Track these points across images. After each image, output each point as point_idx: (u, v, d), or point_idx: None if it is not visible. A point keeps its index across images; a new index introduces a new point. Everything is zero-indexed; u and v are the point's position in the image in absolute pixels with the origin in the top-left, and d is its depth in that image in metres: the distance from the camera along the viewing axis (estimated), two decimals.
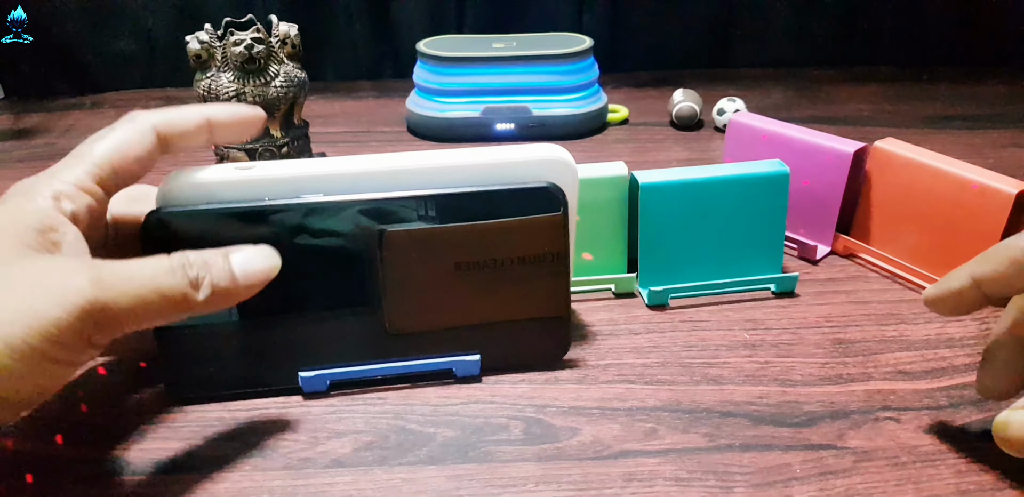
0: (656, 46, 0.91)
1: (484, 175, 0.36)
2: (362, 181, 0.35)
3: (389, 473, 0.34)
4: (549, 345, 0.40)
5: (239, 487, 0.33)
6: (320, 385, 0.38)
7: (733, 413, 0.37)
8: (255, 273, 0.30)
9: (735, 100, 0.72)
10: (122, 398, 0.38)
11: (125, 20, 0.85)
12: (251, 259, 0.31)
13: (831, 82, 0.87)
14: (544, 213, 0.37)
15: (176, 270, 0.29)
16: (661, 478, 0.33)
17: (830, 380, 0.40)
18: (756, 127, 0.52)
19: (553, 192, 0.36)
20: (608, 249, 0.47)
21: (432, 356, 0.39)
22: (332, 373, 0.38)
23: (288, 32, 0.58)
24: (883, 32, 0.91)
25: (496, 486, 0.33)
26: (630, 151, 0.69)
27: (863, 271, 0.49)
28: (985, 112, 0.77)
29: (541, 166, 0.37)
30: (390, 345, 0.38)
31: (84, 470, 0.34)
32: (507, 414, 0.37)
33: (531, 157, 0.37)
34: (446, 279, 0.37)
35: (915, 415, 0.37)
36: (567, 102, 0.71)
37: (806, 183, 0.50)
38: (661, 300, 0.45)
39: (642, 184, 0.44)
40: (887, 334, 0.43)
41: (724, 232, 0.46)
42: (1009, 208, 0.43)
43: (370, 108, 0.81)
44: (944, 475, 0.33)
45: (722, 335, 0.43)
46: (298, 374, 0.38)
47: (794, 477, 0.33)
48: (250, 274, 0.30)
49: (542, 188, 0.36)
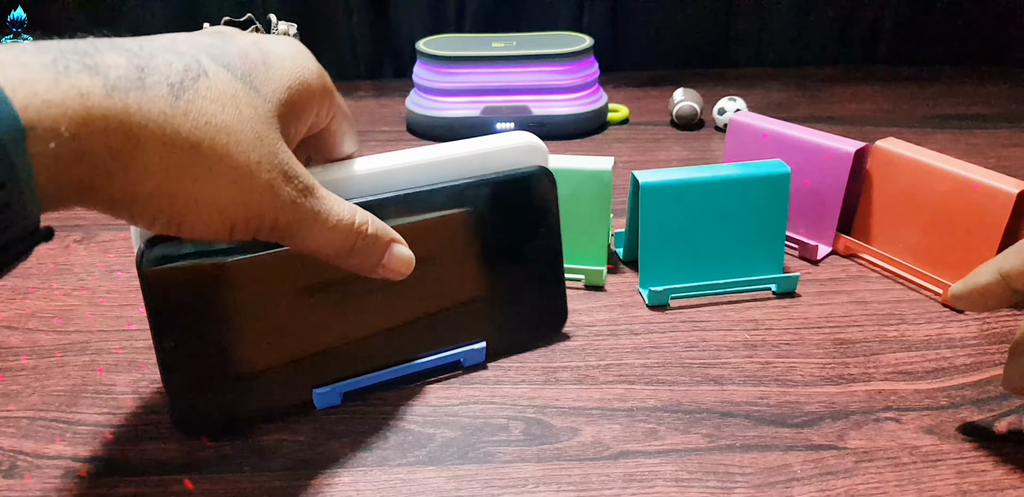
0: (656, 45, 0.91)
1: (469, 166, 0.38)
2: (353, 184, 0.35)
3: (388, 474, 0.34)
4: (548, 316, 0.42)
5: (239, 487, 0.33)
6: (334, 399, 0.38)
7: (734, 413, 0.37)
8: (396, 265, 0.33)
9: (736, 99, 0.72)
10: (121, 398, 0.38)
11: (124, 19, 0.85)
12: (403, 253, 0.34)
13: (832, 81, 0.86)
14: (538, 194, 0.40)
15: (360, 227, 0.31)
16: (661, 479, 0.33)
17: (831, 380, 0.39)
18: (757, 127, 0.52)
19: (545, 174, 0.39)
20: (588, 243, 0.47)
21: (439, 351, 0.39)
22: (346, 385, 0.38)
23: (287, 31, 0.58)
24: (883, 32, 0.91)
25: (496, 487, 0.33)
26: (630, 151, 0.69)
27: (864, 271, 0.49)
28: (986, 112, 0.77)
29: (519, 152, 0.39)
30: (397, 346, 0.38)
31: (84, 470, 0.34)
32: (507, 414, 0.37)
33: (509, 145, 0.39)
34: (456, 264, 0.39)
35: (916, 415, 0.37)
36: (567, 101, 0.71)
37: (807, 183, 0.50)
38: (662, 300, 0.45)
39: (642, 184, 0.44)
40: (888, 334, 0.43)
41: (725, 232, 0.46)
42: (1010, 208, 0.42)
43: (370, 108, 0.81)
44: (945, 475, 0.33)
45: (723, 335, 0.43)
46: (312, 392, 0.37)
47: (795, 478, 0.33)
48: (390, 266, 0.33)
49: (535, 172, 0.39)
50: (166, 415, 0.37)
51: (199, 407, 0.36)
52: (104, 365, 0.41)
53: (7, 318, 0.44)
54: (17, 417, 0.37)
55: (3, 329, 0.44)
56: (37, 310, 0.45)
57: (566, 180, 0.43)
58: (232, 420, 0.36)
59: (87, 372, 0.40)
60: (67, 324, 0.44)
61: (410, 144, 0.71)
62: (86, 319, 0.45)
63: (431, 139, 0.72)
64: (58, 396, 0.38)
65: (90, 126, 0.23)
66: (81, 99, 0.23)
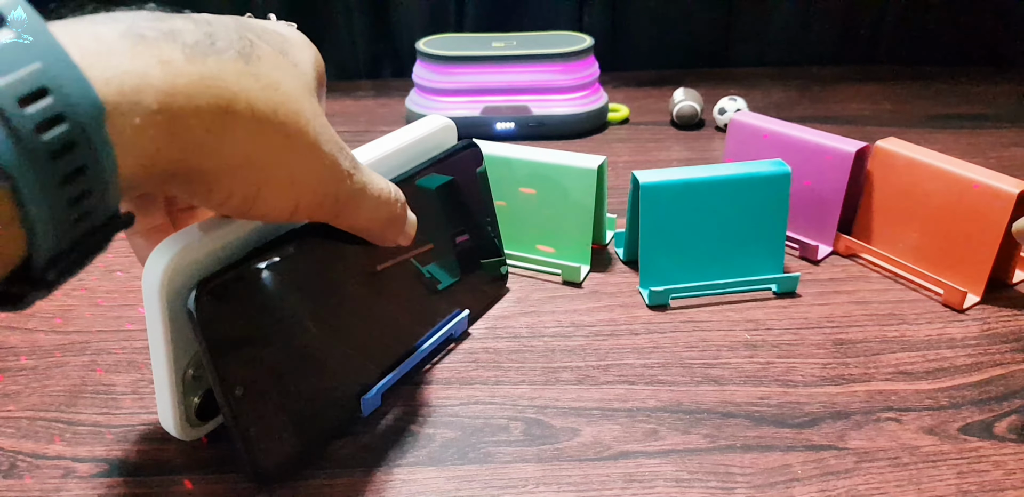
0: (657, 45, 0.91)
1: (411, 153, 0.40)
2: None
3: (388, 474, 0.34)
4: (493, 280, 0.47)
5: (238, 488, 0.33)
6: (376, 402, 0.37)
7: (734, 414, 0.37)
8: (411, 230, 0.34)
9: (736, 99, 0.72)
10: (121, 398, 0.38)
11: None
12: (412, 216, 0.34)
13: (832, 81, 0.86)
14: (472, 166, 0.43)
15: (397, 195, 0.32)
16: (662, 479, 0.33)
17: (831, 381, 0.39)
18: (757, 126, 0.52)
19: (474, 147, 0.43)
20: (570, 241, 0.48)
21: (436, 330, 0.41)
22: (383, 385, 0.37)
23: None
24: (883, 32, 0.91)
25: (496, 487, 0.33)
26: (631, 150, 0.69)
27: (865, 271, 0.49)
28: (986, 112, 0.77)
29: (441, 134, 0.42)
30: (406, 334, 0.39)
31: (84, 470, 0.34)
32: (507, 415, 0.37)
33: (432, 128, 0.42)
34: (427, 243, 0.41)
35: (917, 416, 0.37)
36: (567, 101, 0.71)
37: (807, 183, 0.50)
38: (662, 300, 0.45)
39: (642, 184, 0.44)
40: (889, 334, 0.43)
41: (725, 232, 0.46)
42: (1011, 208, 0.42)
43: (369, 107, 0.81)
44: (946, 475, 0.33)
45: (723, 335, 0.43)
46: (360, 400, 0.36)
47: (795, 478, 0.33)
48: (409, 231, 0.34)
49: (468, 145, 0.43)
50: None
51: (275, 453, 0.32)
52: (104, 365, 0.41)
53: (7, 318, 0.44)
54: (17, 417, 0.37)
55: (3, 329, 0.44)
56: (37, 310, 0.45)
57: (551, 175, 0.45)
58: (304, 454, 0.34)
59: (87, 372, 0.40)
60: (67, 324, 0.44)
61: None
62: (86, 319, 0.45)
63: None
64: (58, 396, 0.38)
65: (176, 96, 0.21)
66: (162, 67, 0.21)
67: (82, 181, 0.19)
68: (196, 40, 0.22)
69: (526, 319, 0.44)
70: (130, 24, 0.21)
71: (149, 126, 0.21)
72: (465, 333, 0.43)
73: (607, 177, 0.49)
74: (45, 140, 0.18)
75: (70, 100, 0.18)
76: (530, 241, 0.49)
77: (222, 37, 0.23)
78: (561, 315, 0.45)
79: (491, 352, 0.42)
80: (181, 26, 0.22)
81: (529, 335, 0.43)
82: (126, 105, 0.20)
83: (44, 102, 0.18)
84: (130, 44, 0.21)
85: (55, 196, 0.19)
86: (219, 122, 0.22)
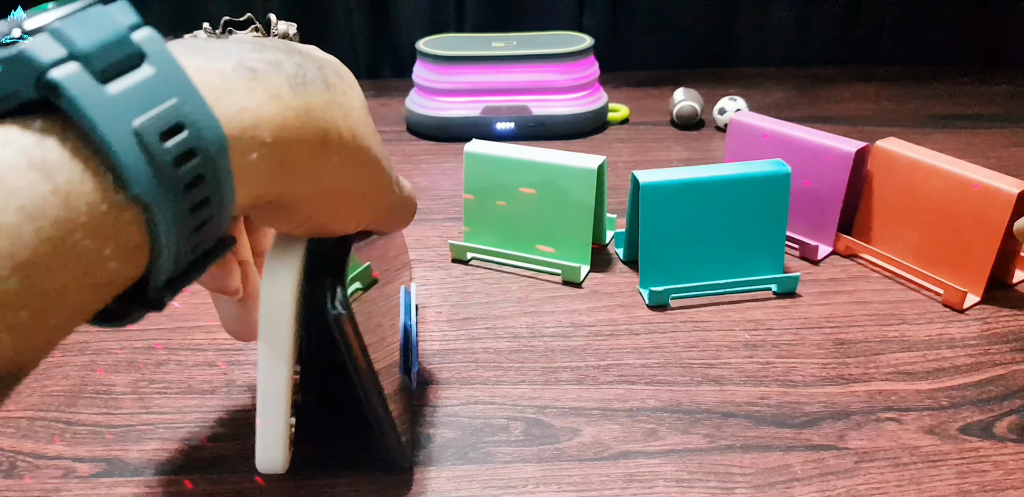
0: (657, 45, 0.91)
1: None
2: None
3: (389, 474, 0.34)
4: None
5: (238, 488, 0.33)
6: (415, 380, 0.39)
7: (734, 414, 0.37)
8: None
9: (736, 99, 0.72)
10: (121, 398, 0.38)
11: None
12: None
13: (832, 81, 0.86)
14: None
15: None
16: (662, 479, 0.33)
17: (831, 380, 0.39)
18: (757, 126, 0.52)
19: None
20: (570, 241, 0.48)
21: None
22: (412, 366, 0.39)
23: (287, 31, 0.58)
24: (883, 32, 0.91)
25: (496, 487, 0.33)
26: (630, 150, 0.69)
27: (865, 271, 0.49)
28: (986, 111, 0.77)
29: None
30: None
31: (84, 470, 0.34)
32: (507, 415, 0.37)
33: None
34: None
35: (917, 416, 0.37)
36: (567, 101, 0.71)
37: (807, 183, 0.50)
38: (662, 300, 0.45)
39: (642, 184, 0.44)
40: (888, 334, 0.43)
41: (725, 232, 0.46)
42: (1011, 208, 0.42)
43: (369, 107, 0.80)
44: (946, 475, 0.33)
45: (723, 335, 0.43)
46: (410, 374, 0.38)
47: (795, 478, 0.33)
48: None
49: None
50: (166, 415, 0.37)
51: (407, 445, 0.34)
52: (104, 365, 0.41)
53: None
54: (17, 417, 0.37)
55: None
56: None
57: (551, 174, 0.45)
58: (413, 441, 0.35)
59: (86, 372, 0.40)
60: None
61: (411, 144, 0.71)
62: None
63: (431, 139, 0.72)
64: (57, 396, 0.38)
65: (287, 129, 0.22)
66: (274, 102, 0.22)
67: (206, 211, 0.20)
68: (294, 72, 0.23)
69: (526, 319, 0.44)
70: (239, 58, 0.22)
71: (264, 159, 0.22)
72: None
73: (607, 177, 0.49)
74: (181, 173, 0.19)
75: (201, 135, 0.19)
76: (530, 241, 0.49)
77: (307, 66, 0.24)
78: (561, 315, 0.45)
79: (491, 352, 0.42)
80: (279, 57, 0.23)
81: (529, 335, 0.43)
82: (245, 139, 0.21)
83: (180, 136, 0.19)
84: (245, 79, 0.22)
85: (182, 225, 0.20)
86: (319, 152, 0.24)
